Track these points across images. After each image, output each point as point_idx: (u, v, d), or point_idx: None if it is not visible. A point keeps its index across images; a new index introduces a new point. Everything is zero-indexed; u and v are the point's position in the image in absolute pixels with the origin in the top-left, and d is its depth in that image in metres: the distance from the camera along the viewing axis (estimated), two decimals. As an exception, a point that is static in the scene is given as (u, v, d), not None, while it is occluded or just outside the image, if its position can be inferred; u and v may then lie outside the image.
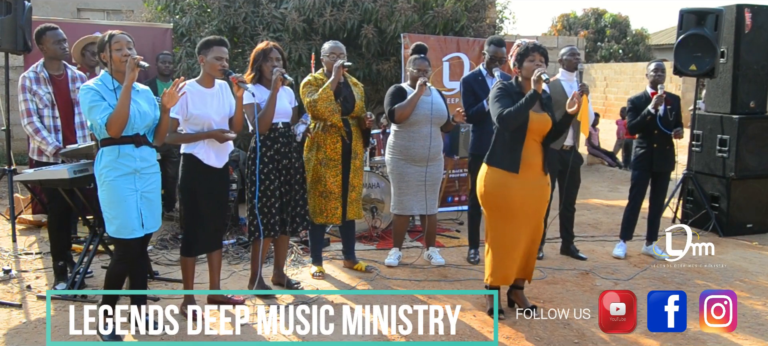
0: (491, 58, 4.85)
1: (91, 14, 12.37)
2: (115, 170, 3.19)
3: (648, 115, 4.94)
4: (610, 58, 24.64)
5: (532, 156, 3.69)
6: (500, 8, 9.86)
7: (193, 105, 3.56)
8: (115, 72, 3.23)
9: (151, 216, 3.33)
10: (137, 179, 3.25)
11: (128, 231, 3.23)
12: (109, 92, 3.19)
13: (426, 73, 4.58)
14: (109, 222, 3.24)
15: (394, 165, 4.71)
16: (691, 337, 3.62)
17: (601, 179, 9.44)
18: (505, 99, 3.66)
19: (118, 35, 3.22)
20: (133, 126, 3.21)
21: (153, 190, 3.35)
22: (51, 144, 4.15)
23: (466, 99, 4.84)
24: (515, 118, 3.58)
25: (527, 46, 3.74)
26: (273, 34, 6.54)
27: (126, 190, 3.21)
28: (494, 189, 3.71)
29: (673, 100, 5.09)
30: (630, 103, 5.19)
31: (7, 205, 5.45)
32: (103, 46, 3.23)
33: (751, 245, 5.75)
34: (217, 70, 3.61)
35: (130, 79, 3.13)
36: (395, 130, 4.71)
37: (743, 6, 6.02)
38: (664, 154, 5.06)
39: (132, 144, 3.23)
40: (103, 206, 3.24)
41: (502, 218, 3.71)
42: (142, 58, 3.18)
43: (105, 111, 3.14)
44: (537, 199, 3.76)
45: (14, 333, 3.53)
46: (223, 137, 3.62)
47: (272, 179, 3.97)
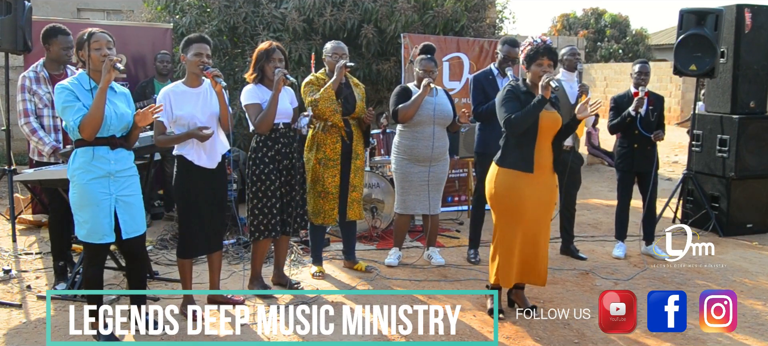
0: (504, 58, 4.83)
1: (91, 14, 12.36)
2: (88, 173, 3.11)
3: (628, 116, 4.95)
4: (610, 58, 24.64)
5: (543, 157, 3.67)
6: (500, 8, 9.85)
7: (177, 106, 3.54)
8: (92, 71, 3.16)
9: (131, 220, 3.25)
10: (112, 182, 3.17)
11: (98, 236, 3.16)
12: (84, 92, 3.12)
13: (431, 74, 4.57)
14: (80, 226, 3.17)
15: (398, 165, 4.72)
16: (691, 337, 3.62)
17: (601, 179, 9.44)
18: (513, 102, 3.63)
19: (98, 34, 3.15)
20: (109, 128, 3.14)
21: (131, 193, 3.27)
22: (48, 144, 4.13)
23: (476, 97, 4.83)
24: (522, 123, 3.56)
25: (537, 49, 3.66)
26: (273, 34, 6.53)
27: (99, 194, 3.13)
28: (505, 191, 3.67)
29: (656, 101, 5.09)
30: (612, 102, 5.20)
31: (7, 205, 5.45)
32: (82, 44, 3.16)
33: (751, 245, 5.75)
34: (196, 67, 3.57)
35: (106, 82, 3.05)
36: (400, 130, 4.72)
37: (743, 6, 6.02)
38: (645, 154, 5.05)
39: (107, 146, 3.15)
40: (74, 209, 3.17)
41: (511, 220, 3.69)
42: (120, 59, 3.11)
43: (78, 112, 3.06)
44: (547, 201, 3.73)
45: (14, 333, 3.53)
46: (201, 136, 3.54)
47: (273, 179, 3.97)
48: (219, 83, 3.56)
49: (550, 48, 3.68)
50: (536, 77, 3.61)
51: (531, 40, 3.73)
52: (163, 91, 3.58)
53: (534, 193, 3.64)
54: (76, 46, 3.22)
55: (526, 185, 3.62)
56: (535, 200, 3.65)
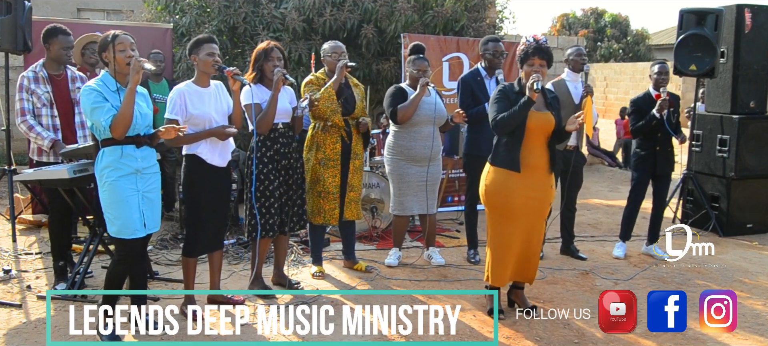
0: (493, 55, 4.81)
1: (91, 14, 12.38)
2: (117, 171, 3.18)
3: (653, 119, 4.88)
4: (610, 57, 24.65)
5: (536, 157, 3.66)
6: (500, 8, 9.86)
7: (192, 105, 3.55)
8: (117, 73, 3.21)
9: (152, 216, 3.33)
10: (139, 179, 3.25)
11: (130, 231, 3.23)
12: (111, 93, 3.19)
13: (426, 74, 4.57)
14: (111, 222, 3.23)
15: (394, 166, 4.70)
16: (691, 337, 3.62)
17: (601, 178, 9.44)
18: (503, 102, 3.64)
19: (122, 36, 3.20)
20: (135, 126, 3.21)
21: (154, 190, 3.35)
22: (46, 138, 4.11)
23: (463, 99, 4.81)
24: (507, 124, 3.57)
25: (528, 49, 3.66)
26: (273, 34, 6.54)
27: (128, 190, 3.20)
28: (496, 189, 3.69)
29: (673, 101, 5.08)
30: (633, 105, 5.12)
31: (7, 205, 5.44)
32: (106, 46, 3.20)
33: (751, 245, 5.75)
34: (210, 67, 3.59)
35: (135, 82, 3.13)
36: (395, 130, 4.70)
37: (743, 6, 6.02)
38: (666, 156, 5.04)
39: (133, 145, 3.23)
40: (105, 207, 3.23)
41: (502, 218, 3.70)
42: (146, 60, 3.18)
43: (109, 112, 3.12)
44: (540, 200, 3.72)
45: (14, 333, 3.53)
46: (224, 134, 3.61)
47: (272, 179, 3.97)
48: (238, 81, 3.59)
49: (541, 47, 3.65)
50: (527, 77, 3.62)
51: (525, 40, 3.72)
52: (176, 90, 3.58)
53: (525, 192, 3.64)
54: (99, 48, 3.26)
55: (517, 184, 3.63)
56: (527, 199, 3.65)
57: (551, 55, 3.71)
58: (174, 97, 3.54)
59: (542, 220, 3.83)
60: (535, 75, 3.55)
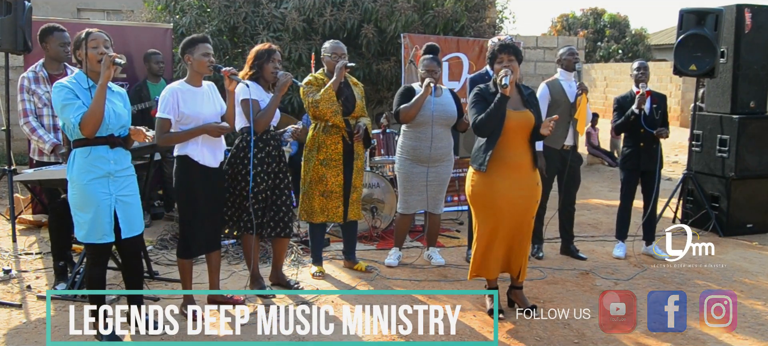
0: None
1: (91, 14, 12.38)
2: (88, 173, 3.10)
3: (631, 115, 4.95)
4: (610, 57, 24.65)
5: (519, 156, 3.68)
6: (500, 8, 9.88)
7: (185, 104, 3.52)
8: (90, 71, 3.15)
9: (130, 220, 3.25)
10: (111, 182, 3.16)
11: (98, 236, 3.15)
12: (83, 91, 3.12)
13: (434, 74, 4.57)
14: (79, 226, 3.15)
15: (401, 164, 4.72)
16: (691, 337, 3.62)
17: (601, 178, 9.44)
18: (481, 104, 3.66)
19: (95, 33, 3.15)
20: (108, 127, 3.14)
21: (130, 193, 3.26)
22: (48, 141, 4.15)
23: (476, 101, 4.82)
24: (487, 124, 3.59)
25: (494, 49, 3.72)
26: (273, 34, 6.54)
27: (99, 194, 3.12)
28: (476, 188, 3.74)
29: (659, 99, 5.10)
30: (616, 103, 5.21)
31: (7, 205, 5.45)
32: (80, 44, 3.15)
33: (751, 245, 5.75)
34: (205, 67, 3.57)
35: (106, 78, 3.05)
36: (404, 130, 4.73)
37: (743, 6, 6.02)
38: (650, 153, 5.06)
39: (106, 145, 3.15)
40: (73, 209, 3.15)
41: (484, 216, 3.75)
42: (118, 56, 3.10)
43: (79, 110, 3.05)
44: (524, 198, 3.72)
45: (14, 333, 3.53)
46: (217, 130, 3.57)
47: (258, 181, 3.91)
48: (234, 81, 3.57)
49: (506, 44, 3.70)
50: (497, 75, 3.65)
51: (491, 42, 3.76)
52: (168, 89, 3.55)
53: (508, 191, 3.65)
54: (73, 46, 3.21)
55: (501, 185, 3.65)
56: (510, 197, 3.66)
57: (519, 51, 3.74)
58: (166, 96, 3.51)
59: (530, 217, 3.82)
60: (504, 69, 3.58)
